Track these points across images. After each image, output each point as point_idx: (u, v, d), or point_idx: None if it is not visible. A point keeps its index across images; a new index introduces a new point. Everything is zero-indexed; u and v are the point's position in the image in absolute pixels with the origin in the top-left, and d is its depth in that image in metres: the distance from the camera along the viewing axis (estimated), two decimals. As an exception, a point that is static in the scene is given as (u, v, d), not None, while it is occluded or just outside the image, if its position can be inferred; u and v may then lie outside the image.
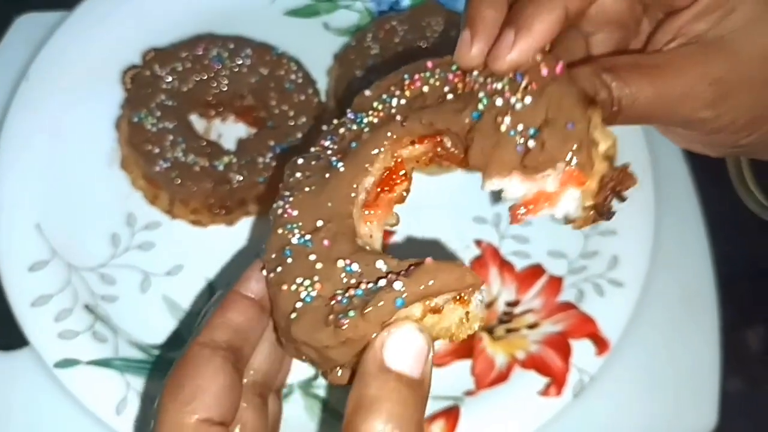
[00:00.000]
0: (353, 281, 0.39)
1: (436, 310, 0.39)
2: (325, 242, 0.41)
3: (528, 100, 0.40)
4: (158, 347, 0.64)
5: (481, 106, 0.41)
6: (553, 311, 0.68)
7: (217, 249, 0.68)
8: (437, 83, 0.44)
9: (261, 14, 0.79)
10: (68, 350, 0.61)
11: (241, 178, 0.65)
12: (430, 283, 0.38)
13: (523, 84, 0.40)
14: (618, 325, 0.67)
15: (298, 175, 0.44)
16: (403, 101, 0.45)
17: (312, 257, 0.41)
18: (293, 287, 0.40)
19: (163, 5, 0.77)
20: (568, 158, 0.39)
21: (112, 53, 0.74)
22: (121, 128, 0.69)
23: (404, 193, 0.45)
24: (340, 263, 0.40)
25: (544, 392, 0.64)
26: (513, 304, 0.69)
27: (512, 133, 0.40)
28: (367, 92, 0.46)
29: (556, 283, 0.70)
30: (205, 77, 0.70)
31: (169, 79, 0.69)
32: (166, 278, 0.66)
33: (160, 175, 0.65)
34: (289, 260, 0.41)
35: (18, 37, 0.77)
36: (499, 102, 0.41)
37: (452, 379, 0.65)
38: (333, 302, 0.39)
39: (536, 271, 0.70)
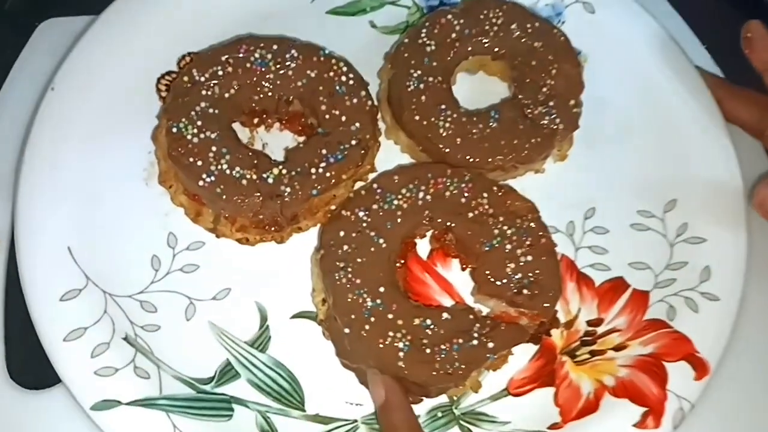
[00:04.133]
0: (436, 333, 0.56)
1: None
2: (394, 306, 0.56)
3: (529, 258, 0.58)
4: (207, 381, 0.57)
5: (494, 242, 0.59)
6: (642, 330, 0.61)
7: (267, 269, 0.62)
8: (455, 191, 0.60)
9: (301, 14, 0.73)
10: (106, 390, 0.55)
11: (293, 191, 0.59)
12: (508, 343, 0.57)
13: (527, 242, 0.59)
14: (717, 345, 0.60)
15: (345, 247, 0.57)
16: (429, 198, 0.60)
17: (390, 316, 0.55)
18: (388, 340, 0.54)
19: (198, 7, 0.71)
20: (547, 316, 0.58)
21: (144, 59, 0.68)
22: (158, 140, 0.63)
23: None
24: (416, 321, 0.56)
25: (641, 424, 0.57)
26: (595, 323, 0.62)
27: (512, 276, 0.58)
28: (395, 177, 0.61)
29: (641, 298, 0.63)
30: (248, 82, 0.64)
31: (209, 84, 0.63)
32: (213, 303, 0.60)
33: (203, 190, 0.59)
34: (372, 319, 0.55)
35: (41, 44, 0.72)
36: (508, 247, 0.58)
37: (533, 410, 0.58)
38: (435, 355, 0.54)
39: (618, 285, 0.63)
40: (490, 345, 0.55)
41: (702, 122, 0.69)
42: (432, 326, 0.55)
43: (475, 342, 0.55)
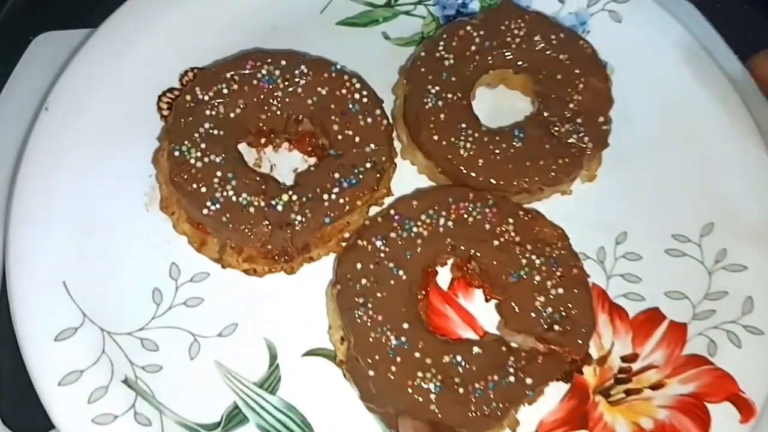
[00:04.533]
0: (469, 370, 0.52)
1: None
2: (421, 343, 0.52)
3: (560, 290, 0.54)
4: (213, 427, 0.53)
5: (522, 273, 0.55)
6: (681, 367, 0.57)
7: (277, 302, 0.57)
8: (479, 217, 0.56)
9: (310, 25, 0.69)
10: (106, 438, 0.51)
11: (304, 219, 0.55)
12: (548, 376, 0.53)
13: (558, 273, 0.55)
14: (763, 383, 0.55)
15: (363, 281, 0.53)
16: (450, 224, 0.56)
17: (417, 354, 0.51)
18: (417, 381, 0.50)
19: (201, 19, 0.67)
20: (580, 354, 0.54)
21: (145, 75, 0.65)
22: (159, 164, 0.59)
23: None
24: (446, 358, 0.52)
25: (684, 472, 0.52)
26: (630, 358, 0.58)
27: (542, 310, 0.54)
28: (414, 202, 0.57)
29: (679, 331, 0.58)
30: (255, 100, 0.60)
31: (214, 103, 0.59)
32: (218, 340, 0.56)
33: (208, 218, 0.55)
34: (398, 359, 0.51)
35: (36, 59, 0.68)
36: (537, 279, 0.55)
37: (566, 456, 0.54)
38: (470, 395, 0.51)
39: (654, 316, 0.59)
40: (529, 381, 0.51)
41: (739, 139, 0.65)
42: (463, 363, 0.51)
43: (512, 378, 0.51)
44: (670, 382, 0.56)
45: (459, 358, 0.52)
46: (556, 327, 0.53)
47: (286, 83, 0.60)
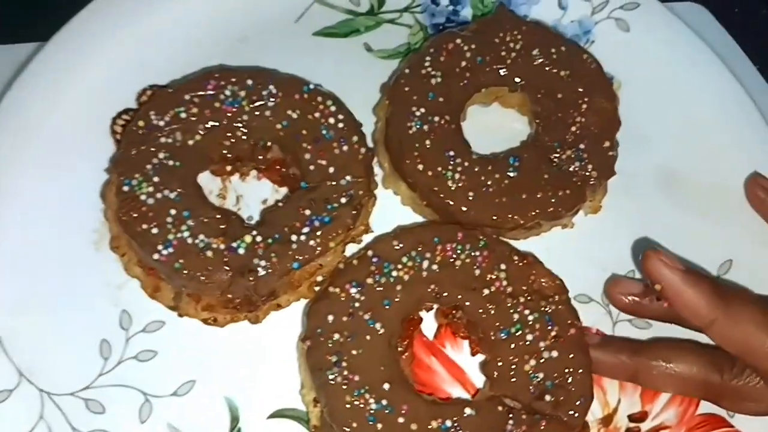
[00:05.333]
0: None
1: None
2: (404, 407, 0.45)
3: (555, 354, 0.47)
4: (165, 503, 0.47)
5: (513, 330, 0.48)
6: (696, 428, 0.51)
7: (240, 356, 0.51)
8: (467, 260, 0.50)
9: (284, 37, 0.62)
10: None
11: (268, 264, 0.48)
12: None
13: (553, 333, 0.48)
14: (790, 449, 0.49)
15: (336, 336, 0.47)
16: (434, 267, 0.50)
17: (401, 420, 0.45)
18: None
19: (163, 31, 0.61)
20: (574, 428, 0.46)
21: (99, 94, 0.58)
22: (107, 199, 0.52)
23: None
24: (434, 423, 0.45)
25: None
26: (638, 417, 0.51)
27: (533, 375, 0.47)
28: (395, 242, 0.50)
29: (694, 386, 0.52)
30: (218, 125, 0.53)
31: (170, 129, 0.52)
32: (173, 400, 0.49)
33: (160, 263, 0.48)
34: (380, 426, 0.45)
35: (-21, 76, 0.61)
36: (529, 337, 0.48)
37: None
38: None
39: (665, 368, 0.52)
40: None
41: (763, 164, 0.58)
42: (454, 428, 0.45)
43: None
44: (684, 445, 0.50)
45: (449, 422, 0.45)
46: (548, 396, 0.46)
47: (253, 105, 0.54)
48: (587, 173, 0.55)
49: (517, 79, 0.58)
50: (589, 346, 0.49)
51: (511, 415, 0.46)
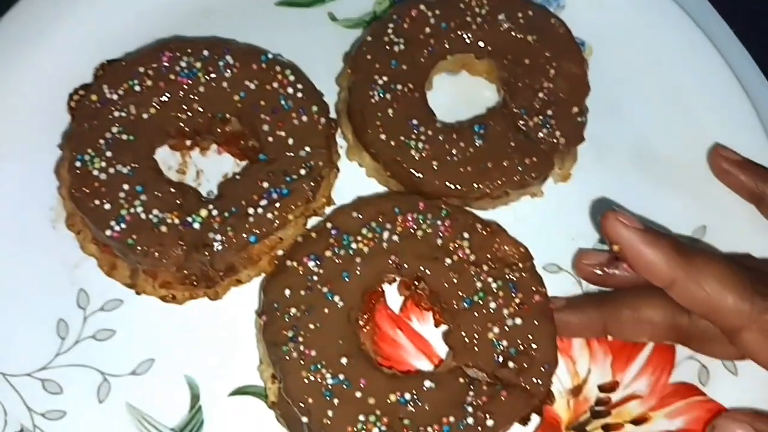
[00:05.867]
0: (420, 410, 0.44)
1: None
2: (362, 381, 0.44)
3: (518, 321, 0.46)
4: (124, 484, 0.46)
5: (476, 298, 0.47)
6: (668, 398, 0.50)
7: (199, 333, 0.50)
8: (429, 230, 0.49)
9: (246, 7, 0.61)
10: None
11: (224, 239, 0.47)
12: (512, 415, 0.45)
13: (517, 300, 0.47)
14: (763, 418, 0.48)
15: (293, 310, 0.46)
16: (395, 238, 0.48)
17: (359, 394, 0.44)
18: (359, 426, 0.43)
19: (120, 5, 0.59)
20: (539, 395, 0.46)
21: (55, 71, 0.56)
22: (61, 175, 0.51)
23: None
24: (392, 397, 0.44)
25: None
26: (609, 387, 0.50)
27: (496, 343, 0.46)
28: (355, 213, 0.49)
29: (666, 354, 0.51)
30: (173, 98, 0.52)
31: (124, 103, 0.51)
32: (131, 379, 0.49)
33: (113, 240, 0.47)
34: (336, 401, 0.44)
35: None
36: (493, 305, 0.47)
37: (535, 506, 0.47)
38: None
39: (636, 338, 0.51)
40: (490, 423, 0.44)
41: (738, 129, 0.57)
42: (414, 401, 0.44)
43: (470, 420, 0.44)
44: (655, 415, 0.49)
45: (408, 395, 0.44)
46: (511, 363, 0.45)
47: (209, 77, 0.52)
48: (555, 140, 0.53)
49: (483, 45, 0.56)
50: (555, 309, 0.48)
51: (471, 387, 0.45)
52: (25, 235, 0.52)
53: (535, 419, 0.48)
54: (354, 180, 0.55)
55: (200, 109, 0.53)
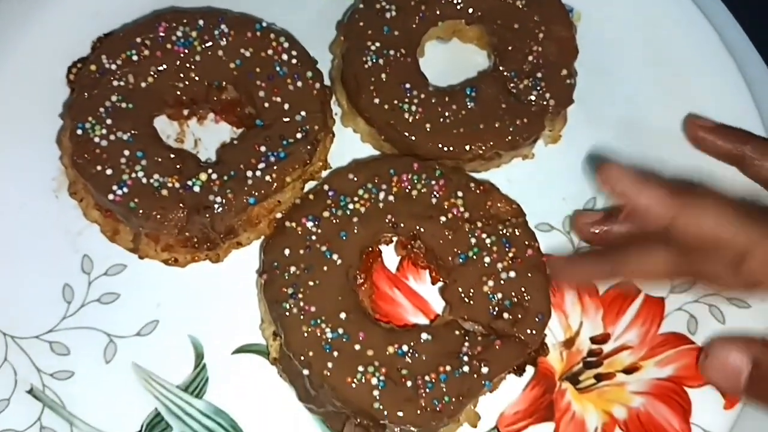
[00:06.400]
0: (417, 361, 0.46)
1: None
2: (361, 334, 0.46)
3: (512, 274, 0.48)
4: (132, 439, 0.47)
5: (471, 254, 0.48)
6: (658, 347, 0.51)
7: (202, 295, 0.51)
8: (424, 190, 0.50)
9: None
10: (6, 458, 0.45)
11: (224, 200, 0.48)
12: (506, 363, 0.46)
13: (510, 254, 0.48)
14: (750, 363, 0.49)
15: (293, 269, 0.47)
16: (391, 198, 0.50)
17: (357, 347, 0.46)
18: (358, 376, 0.45)
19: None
20: (533, 345, 0.47)
21: (55, 46, 0.57)
22: (62, 144, 0.52)
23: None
24: (390, 349, 0.46)
25: (661, 468, 0.47)
26: (600, 339, 0.52)
27: (491, 296, 0.47)
28: (351, 175, 0.50)
29: (655, 306, 0.52)
30: (170, 67, 0.53)
31: (122, 72, 0.52)
32: (137, 340, 0.50)
33: (115, 205, 0.48)
34: (336, 353, 0.45)
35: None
36: (487, 260, 0.48)
37: (530, 453, 0.48)
38: (419, 389, 0.45)
39: (627, 291, 0.53)
40: (485, 370, 0.45)
41: (724, 89, 0.58)
42: (411, 353, 0.46)
43: (466, 368, 0.45)
44: (645, 364, 0.51)
45: (405, 347, 0.46)
46: (506, 315, 0.47)
47: (205, 46, 0.53)
48: (545, 102, 0.55)
49: (472, 11, 0.57)
50: (563, 261, 0.49)
51: (467, 338, 0.46)
52: (29, 205, 0.53)
53: (530, 371, 0.50)
54: (349, 146, 0.56)
55: (197, 78, 0.54)
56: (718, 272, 0.46)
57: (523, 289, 0.47)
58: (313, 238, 0.48)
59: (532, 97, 0.55)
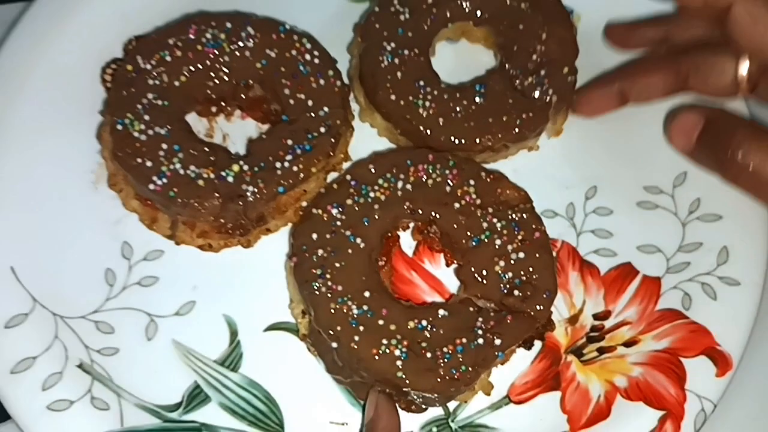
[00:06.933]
0: (436, 334, 0.50)
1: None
2: (384, 311, 0.50)
3: (521, 255, 0.52)
4: (174, 408, 0.51)
5: (483, 237, 0.53)
6: (655, 322, 0.55)
7: (235, 277, 0.55)
8: (439, 179, 0.54)
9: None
10: (62, 426, 0.49)
11: (256, 189, 0.52)
12: (517, 336, 0.50)
13: (519, 237, 0.52)
14: (739, 336, 0.54)
15: (320, 251, 0.51)
16: (408, 186, 0.54)
17: (381, 322, 0.50)
18: (382, 349, 0.49)
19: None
20: (541, 320, 0.51)
21: (87, 46, 0.61)
22: (103, 138, 0.56)
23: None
24: (411, 324, 0.50)
25: (659, 429, 0.51)
26: (602, 316, 0.56)
27: (502, 275, 0.52)
28: (371, 166, 0.54)
29: (652, 285, 0.57)
30: (201, 67, 0.57)
31: (157, 72, 0.56)
32: (176, 319, 0.54)
33: (155, 194, 0.52)
34: (361, 328, 0.49)
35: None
36: (498, 242, 0.52)
37: (538, 418, 0.53)
38: (438, 359, 0.49)
39: (626, 271, 0.57)
40: (498, 342, 0.49)
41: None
42: (430, 327, 0.50)
43: (480, 340, 0.49)
44: (643, 338, 0.55)
45: (425, 322, 0.50)
46: (516, 292, 0.51)
47: (233, 47, 0.57)
48: (548, 97, 0.59)
49: (480, 13, 0.61)
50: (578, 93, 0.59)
51: (480, 314, 0.50)
52: (71, 197, 0.56)
53: (537, 345, 0.54)
54: (367, 140, 0.60)
55: (225, 77, 0.57)
56: (712, 62, 0.53)
57: (531, 269, 0.51)
58: (338, 223, 0.52)
59: (536, 93, 0.58)
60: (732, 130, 0.48)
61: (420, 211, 0.54)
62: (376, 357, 0.48)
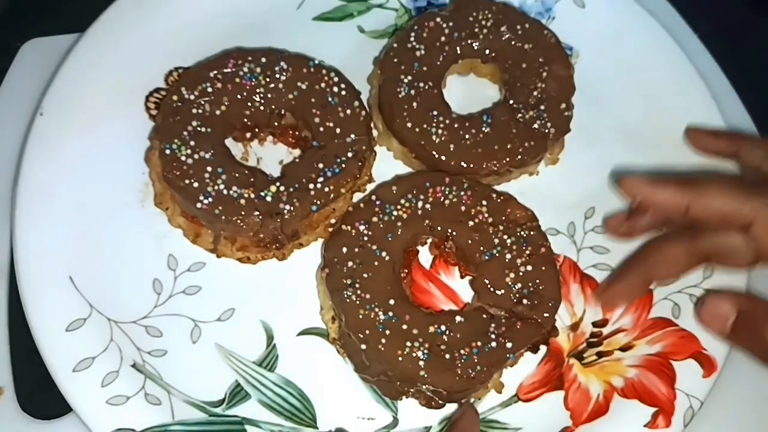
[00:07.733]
0: (453, 338, 0.55)
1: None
2: (407, 317, 0.55)
3: (529, 268, 0.58)
4: (218, 404, 0.57)
5: (495, 252, 0.59)
6: (648, 329, 0.62)
7: (270, 287, 0.61)
8: (455, 199, 0.60)
9: (288, 21, 0.72)
10: (120, 418, 0.54)
11: (292, 208, 0.58)
12: (526, 340, 0.56)
13: (527, 252, 0.58)
14: (723, 342, 0.60)
15: (350, 263, 0.57)
16: (428, 206, 0.60)
17: (405, 327, 0.55)
18: (406, 350, 0.54)
19: (184, 20, 0.70)
20: (547, 326, 0.57)
21: (131, 76, 0.67)
22: (152, 162, 0.62)
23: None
24: (431, 328, 0.55)
25: (652, 424, 0.57)
26: (600, 323, 0.62)
27: (512, 285, 0.58)
28: (394, 187, 0.60)
29: (646, 296, 0.63)
30: (239, 97, 0.63)
31: (200, 102, 0.62)
32: (218, 324, 0.60)
33: (202, 212, 0.58)
34: (388, 332, 0.54)
35: (25, 66, 0.70)
36: (508, 256, 0.58)
37: (544, 415, 0.58)
38: (456, 360, 0.54)
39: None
40: (509, 345, 0.55)
41: (697, 116, 0.69)
42: (448, 332, 0.55)
43: (493, 344, 0.55)
44: (638, 343, 0.61)
45: (443, 327, 0.55)
46: (525, 301, 0.57)
47: (267, 80, 0.63)
48: (547, 130, 0.64)
49: (488, 52, 0.68)
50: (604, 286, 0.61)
51: (492, 320, 0.56)
52: (121, 214, 0.62)
53: (543, 350, 0.60)
54: (385, 162, 0.66)
55: (261, 107, 0.64)
56: (732, 246, 0.54)
57: (538, 280, 0.58)
58: (365, 238, 0.58)
59: (536, 126, 0.64)
60: (764, 322, 0.50)
61: (438, 228, 0.60)
62: (401, 358, 0.54)
